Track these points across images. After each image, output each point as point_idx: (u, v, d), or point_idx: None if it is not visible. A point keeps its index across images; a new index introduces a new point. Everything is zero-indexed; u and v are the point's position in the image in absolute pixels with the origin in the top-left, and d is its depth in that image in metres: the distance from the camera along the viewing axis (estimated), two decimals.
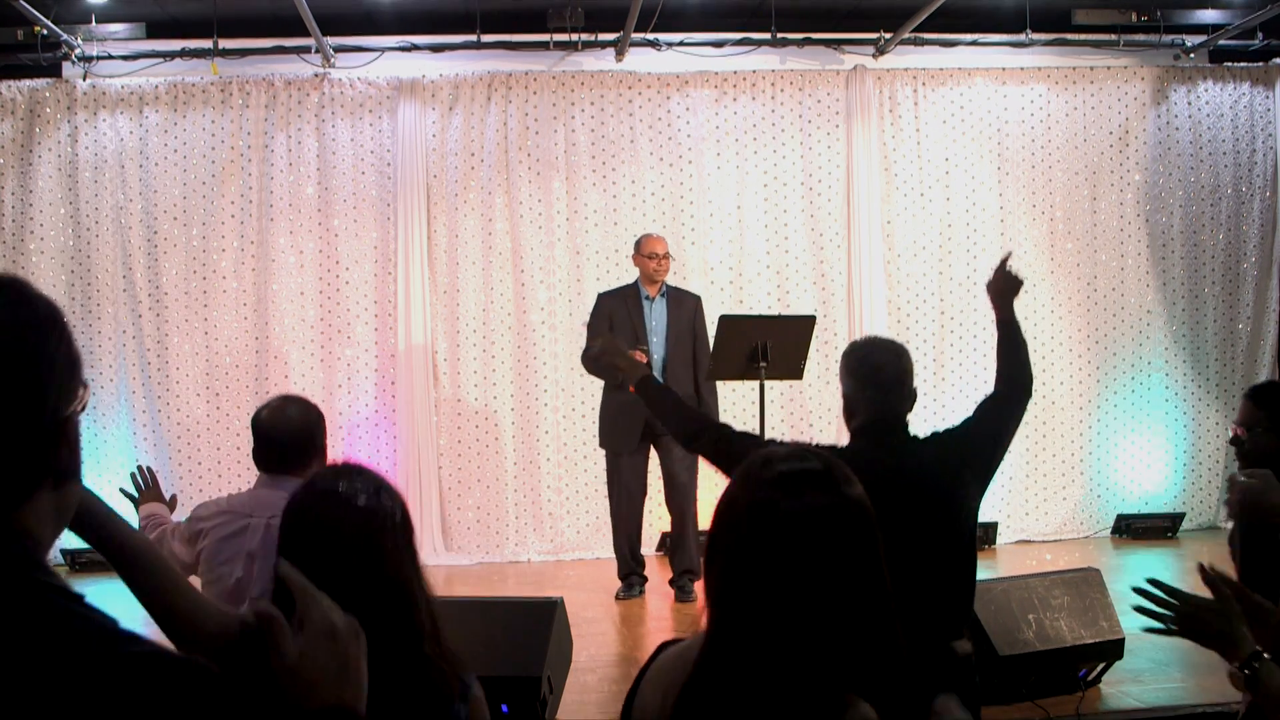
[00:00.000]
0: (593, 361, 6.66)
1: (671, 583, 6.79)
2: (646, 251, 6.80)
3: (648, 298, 6.81)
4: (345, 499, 1.93)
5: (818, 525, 1.61)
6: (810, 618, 1.57)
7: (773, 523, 1.61)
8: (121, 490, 3.80)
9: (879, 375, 3.21)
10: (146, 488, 3.72)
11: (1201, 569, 2.18)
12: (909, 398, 3.25)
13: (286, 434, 3.22)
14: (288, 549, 1.93)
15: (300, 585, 1.28)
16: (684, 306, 6.83)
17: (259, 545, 3.10)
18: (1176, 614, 2.15)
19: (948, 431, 3.42)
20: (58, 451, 1.09)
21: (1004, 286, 3.55)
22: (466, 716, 1.94)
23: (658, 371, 6.69)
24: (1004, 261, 3.62)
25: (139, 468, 3.85)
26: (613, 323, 6.70)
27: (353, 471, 2.00)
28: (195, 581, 3.26)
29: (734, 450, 3.23)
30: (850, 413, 3.28)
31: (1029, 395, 3.48)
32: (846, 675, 1.57)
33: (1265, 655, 2.06)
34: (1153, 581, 2.16)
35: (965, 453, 3.27)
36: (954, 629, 3.18)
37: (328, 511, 1.93)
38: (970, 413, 3.46)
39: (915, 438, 3.28)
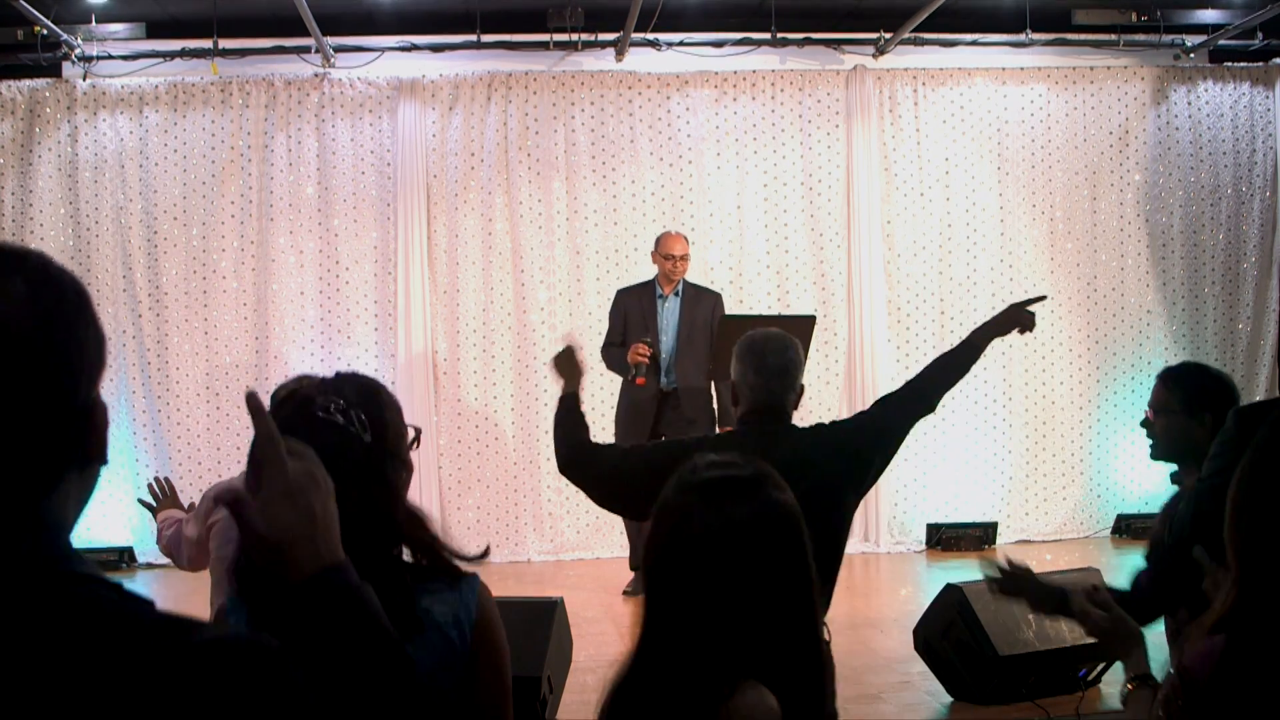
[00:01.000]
0: (610, 359, 6.76)
1: None
2: (664, 251, 6.87)
3: (661, 295, 6.87)
4: (308, 405, 1.82)
5: (736, 535, 1.63)
6: (731, 620, 1.61)
7: (690, 531, 1.64)
8: (140, 501, 3.84)
9: (764, 363, 3.22)
10: (165, 496, 3.74)
11: (1095, 589, 2.29)
12: (792, 389, 3.26)
13: None
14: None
15: (265, 433, 1.19)
16: (701, 304, 6.87)
17: None
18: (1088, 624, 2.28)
19: (833, 424, 3.47)
20: (87, 434, 1.05)
21: (1010, 324, 3.62)
22: (474, 605, 1.85)
23: (665, 368, 6.82)
24: (1036, 301, 3.72)
25: (156, 478, 3.86)
26: (627, 319, 6.81)
27: (345, 384, 1.87)
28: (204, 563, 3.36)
29: (592, 466, 3.30)
30: (736, 400, 3.30)
31: (930, 412, 3.49)
32: (756, 666, 1.61)
33: (1147, 684, 2.17)
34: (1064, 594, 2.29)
35: (847, 448, 3.26)
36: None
37: (290, 416, 1.79)
38: (865, 410, 3.52)
39: (794, 427, 3.29)
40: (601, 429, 7.93)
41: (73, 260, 8.21)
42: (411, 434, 1.99)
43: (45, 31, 7.75)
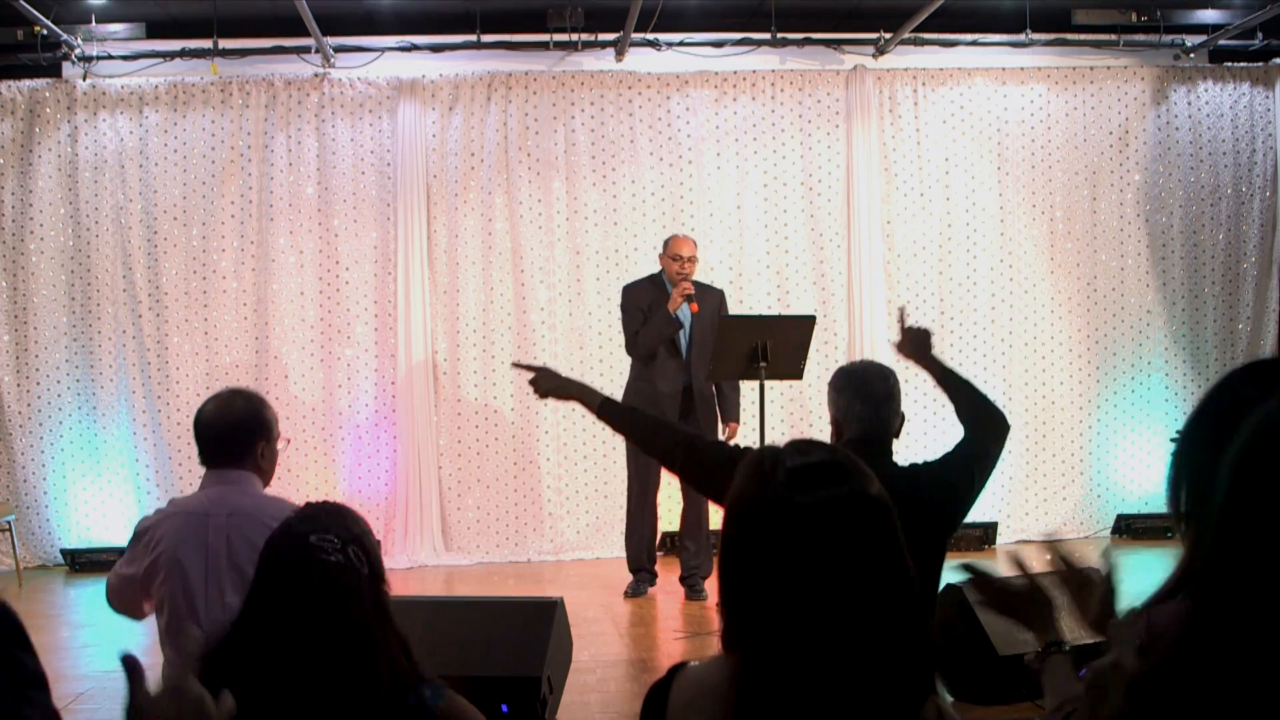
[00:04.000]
0: (641, 343, 6.70)
1: (682, 580, 6.81)
2: (672, 253, 6.84)
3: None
4: (315, 551, 2.03)
5: (834, 518, 1.53)
6: (837, 618, 1.50)
7: (789, 518, 1.53)
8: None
9: (869, 390, 3.22)
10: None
11: (1050, 544, 2.17)
12: (897, 416, 3.26)
13: (227, 425, 3.14)
14: (259, 589, 2.06)
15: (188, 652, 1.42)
16: (707, 302, 6.85)
17: (222, 545, 2.99)
18: (990, 594, 2.15)
19: (928, 465, 3.41)
20: None
21: (915, 342, 3.55)
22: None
23: (686, 363, 6.76)
24: (901, 317, 3.64)
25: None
26: (648, 313, 6.72)
27: (327, 518, 2.09)
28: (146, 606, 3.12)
29: (704, 459, 3.13)
30: (838, 432, 3.29)
31: (1007, 428, 3.47)
32: (906, 674, 1.52)
33: (1061, 649, 2.08)
34: (967, 567, 2.13)
35: (943, 489, 3.26)
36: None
37: (297, 563, 2.03)
38: (949, 452, 3.44)
39: (897, 465, 3.30)
40: (592, 436, 7.96)
41: (73, 260, 8.22)
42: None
43: (45, 31, 7.75)
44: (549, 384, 3.26)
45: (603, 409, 3.18)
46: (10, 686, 1.26)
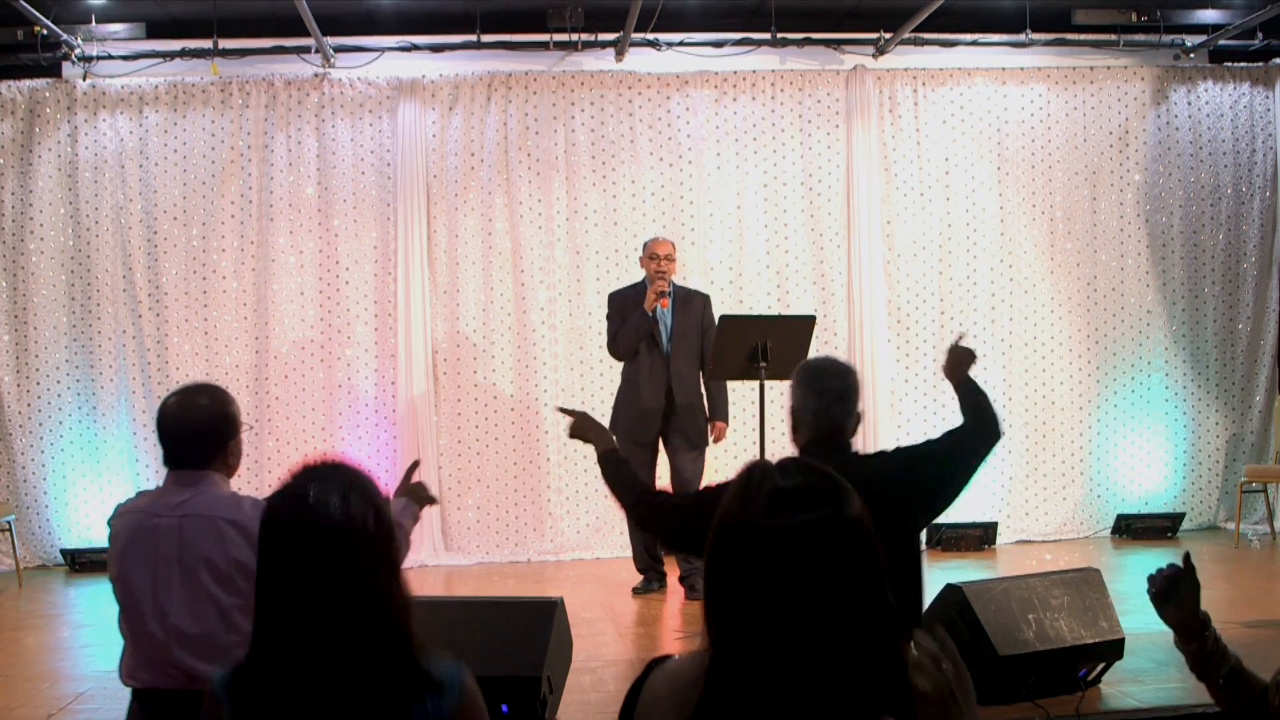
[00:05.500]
0: (620, 343, 6.79)
1: (681, 580, 6.83)
2: (649, 253, 6.94)
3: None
4: (314, 506, 1.95)
5: (808, 542, 1.58)
6: (808, 638, 1.55)
7: (765, 542, 1.59)
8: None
9: (824, 388, 3.23)
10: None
11: (1186, 556, 2.38)
12: (852, 415, 3.26)
13: (193, 428, 3.04)
14: (264, 554, 1.98)
15: None
16: (691, 306, 6.88)
17: (172, 547, 2.94)
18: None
19: (898, 450, 3.43)
20: None
21: (959, 362, 3.59)
22: (450, 711, 1.97)
23: (668, 370, 6.80)
24: (957, 341, 3.68)
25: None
26: (626, 318, 6.78)
27: (326, 474, 2.01)
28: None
29: (668, 518, 3.27)
30: (795, 428, 3.31)
31: (997, 437, 3.48)
32: (862, 695, 1.55)
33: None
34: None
35: (916, 474, 3.25)
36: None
37: (297, 520, 1.95)
38: (934, 439, 3.46)
39: (855, 454, 3.30)
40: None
41: (73, 260, 8.22)
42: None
43: (45, 31, 7.75)
44: (579, 428, 3.49)
45: (602, 457, 3.40)
46: None
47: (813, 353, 6.37)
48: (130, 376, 8.21)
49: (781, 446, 8.16)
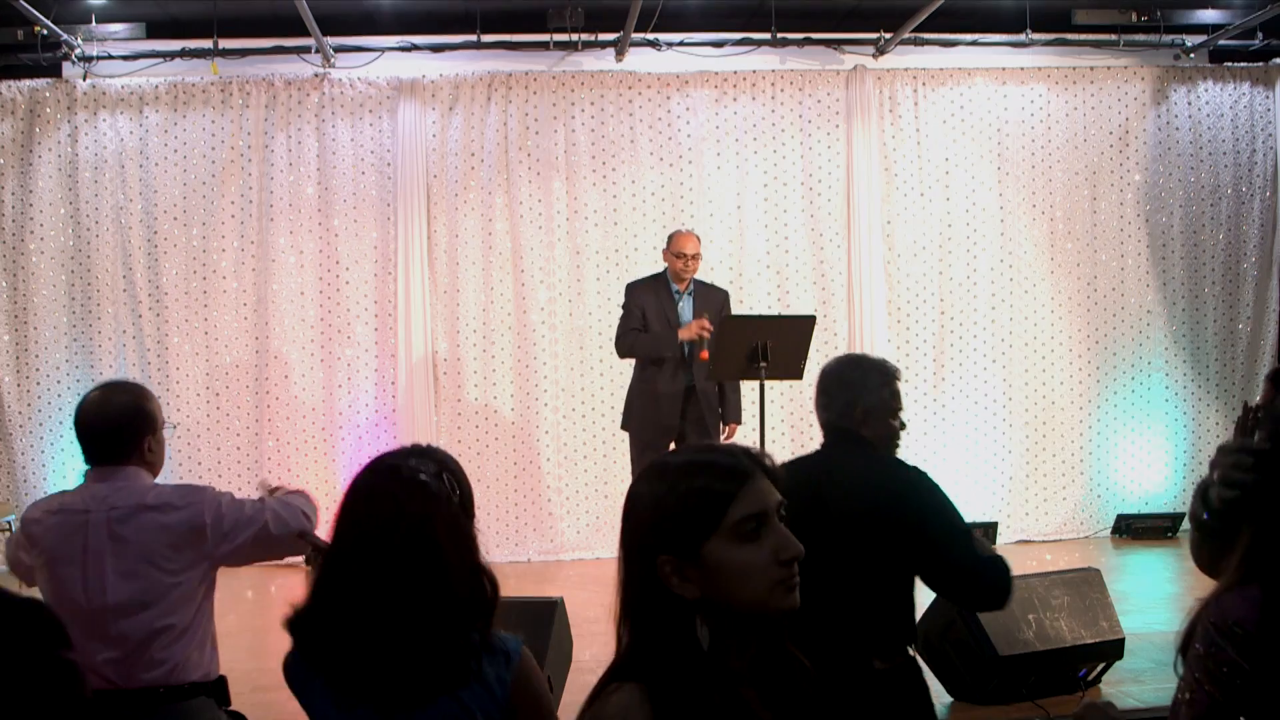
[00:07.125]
0: (629, 348, 6.75)
1: None
2: (675, 250, 6.83)
3: (676, 291, 6.84)
4: (408, 475, 2.09)
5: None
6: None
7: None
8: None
9: (826, 383, 3.39)
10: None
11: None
12: (857, 407, 3.30)
13: (111, 423, 3.06)
14: (345, 518, 2.11)
15: None
16: (711, 301, 6.85)
17: (103, 541, 2.95)
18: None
19: (919, 475, 3.25)
20: None
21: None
22: (513, 677, 2.14)
23: (689, 363, 6.73)
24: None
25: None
26: (645, 312, 6.73)
27: (424, 452, 2.16)
28: (34, 592, 3.04)
29: None
30: (863, 418, 3.32)
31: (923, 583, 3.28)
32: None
33: None
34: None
35: (899, 503, 3.15)
36: (879, 648, 3.17)
37: (388, 485, 2.09)
38: (928, 518, 3.18)
39: (875, 456, 3.28)
40: (613, 421, 7.93)
41: (73, 260, 8.22)
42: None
43: (45, 31, 7.75)
44: None
45: None
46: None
47: (813, 352, 6.37)
48: (130, 377, 8.19)
49: (782, 446, 8.18)
